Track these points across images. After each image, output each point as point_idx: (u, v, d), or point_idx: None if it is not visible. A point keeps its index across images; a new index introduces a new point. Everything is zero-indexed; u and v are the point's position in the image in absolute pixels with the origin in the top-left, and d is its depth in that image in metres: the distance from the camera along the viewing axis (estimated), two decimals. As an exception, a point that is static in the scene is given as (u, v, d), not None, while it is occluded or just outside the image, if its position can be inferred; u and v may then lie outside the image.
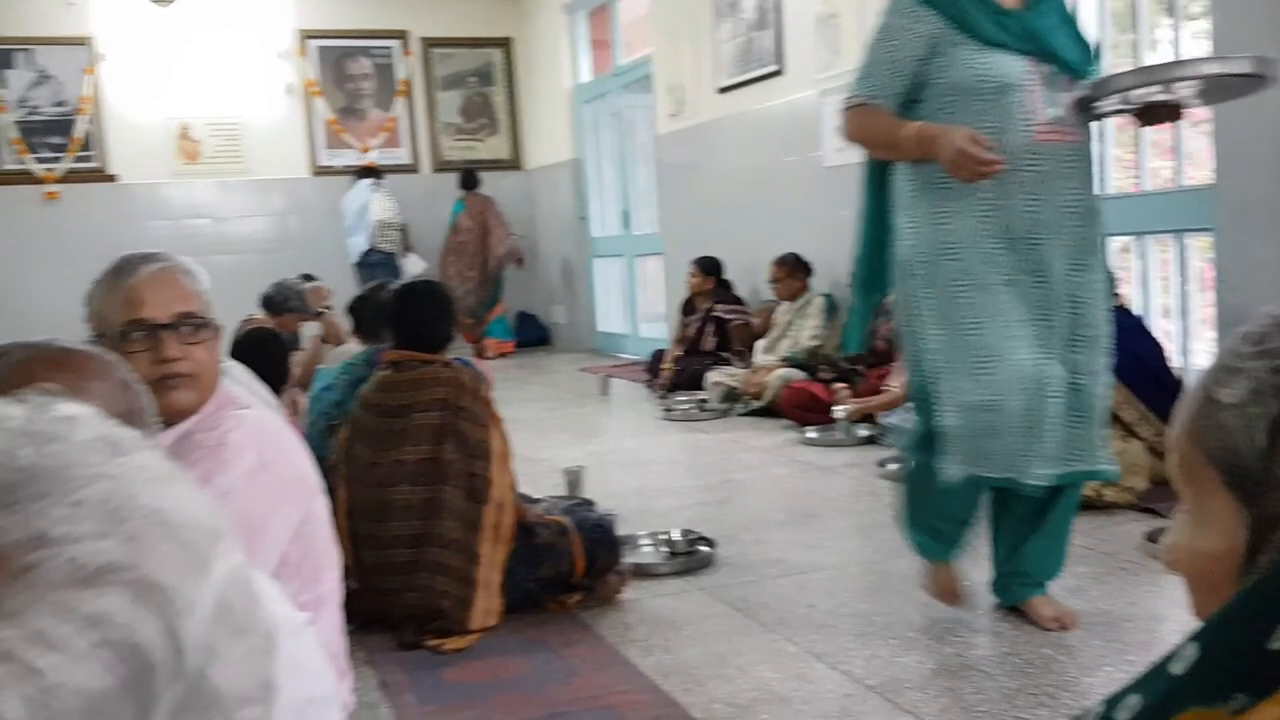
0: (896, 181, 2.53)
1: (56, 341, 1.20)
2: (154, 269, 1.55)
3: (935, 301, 2.46)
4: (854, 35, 5.73)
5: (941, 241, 2.44)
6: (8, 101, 9.08)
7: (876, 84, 2.45)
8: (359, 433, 3.03)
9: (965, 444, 2.46)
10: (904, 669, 2.48)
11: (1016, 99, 2.38)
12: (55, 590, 0.40)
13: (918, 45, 2.41)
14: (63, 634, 0.39)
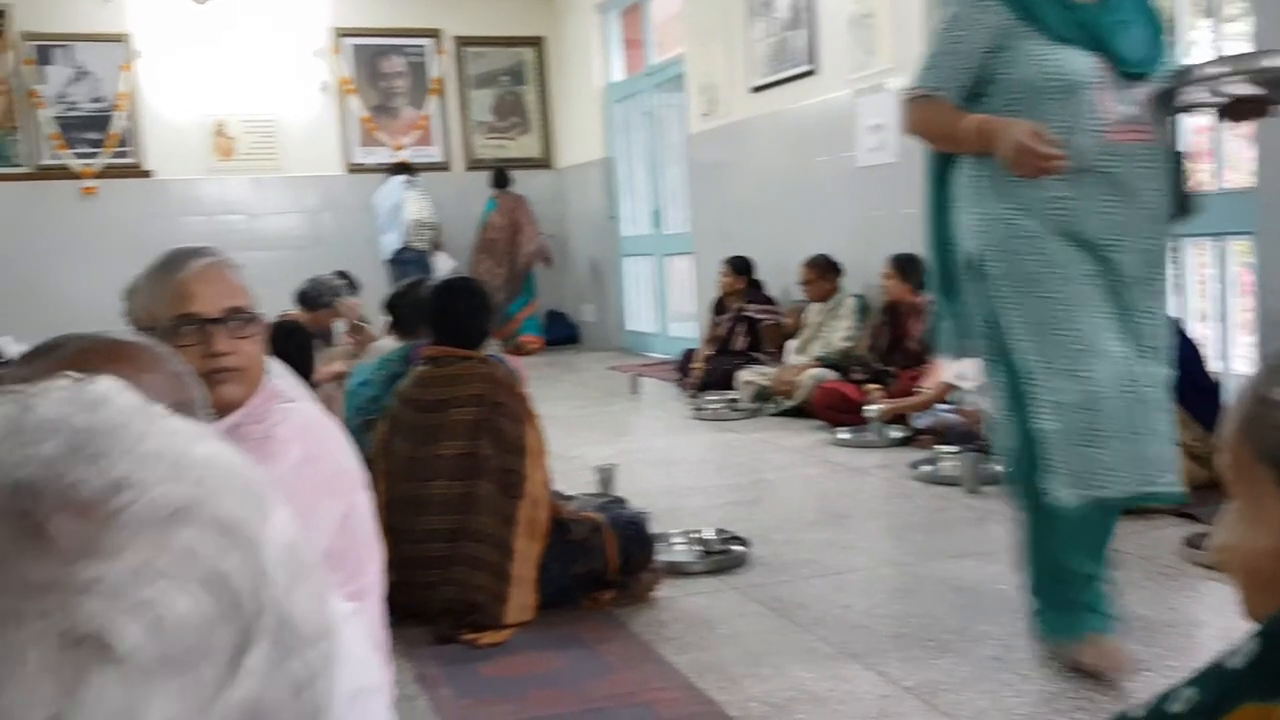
0: (960, 176, 2.42)
1: (109, 333, 1.21)
2: (203, 264, 1.56)
3: (1016, 297, 2.32)
4: (889, 35, 5.71)
5: (1015, 236, 2.31)
6: (46, 97, 9.17)
7: (940, 76, 2.36)
8: (397, 427, 3.05)
9: (1069, 454, 2.26)
10: (941, 671, 2.47)
11: (1086, 97, 2.27)
12: (145, 528, 0.42)
13: (984, 37, 2.32)
14: (161, 566, 0.41)
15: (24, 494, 0.42)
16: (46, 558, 0.41)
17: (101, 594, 0.41)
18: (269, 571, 0.45)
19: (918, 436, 4.82)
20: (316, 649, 0.47)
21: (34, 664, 0.39)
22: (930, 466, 4.29)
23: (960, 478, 4.03)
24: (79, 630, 0.40)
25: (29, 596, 0.40)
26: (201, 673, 0.42)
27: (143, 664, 0.40)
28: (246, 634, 0.43)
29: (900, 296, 5.41)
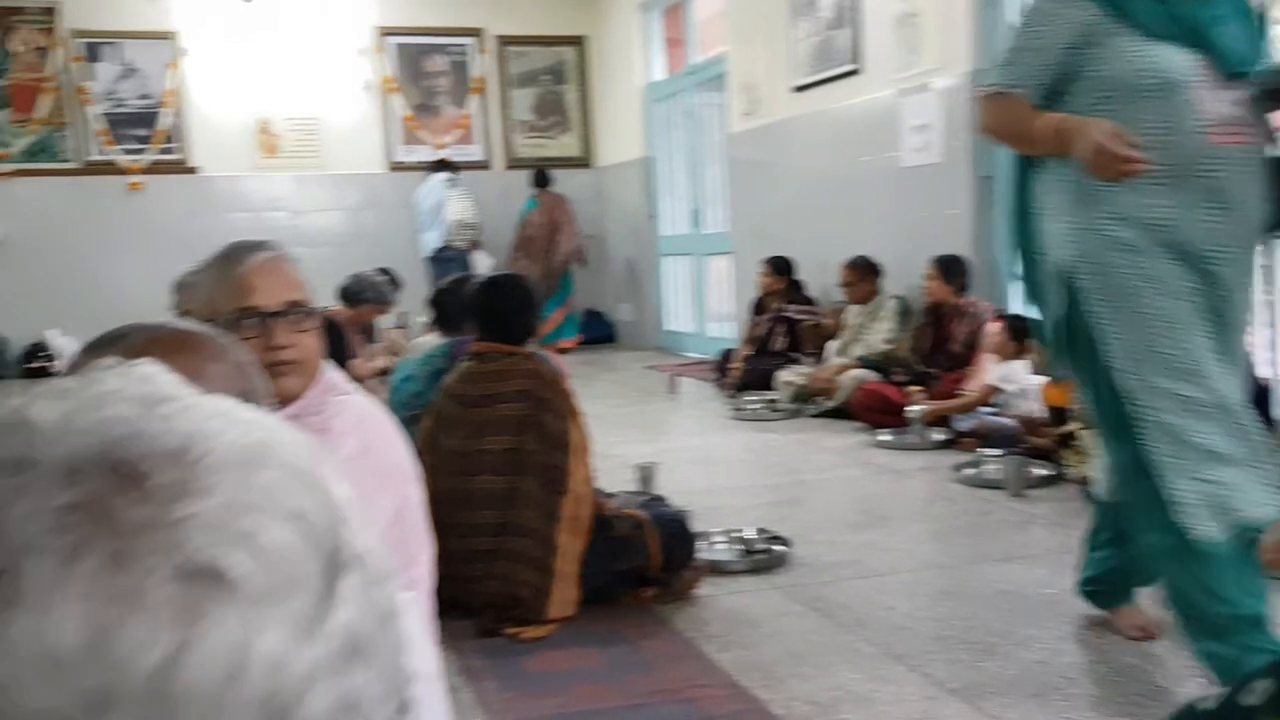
0: (1043, 180, 2.30)
1: (174, 323, 1.23)
2: (264, 257, 1.58)
3: (1112, 313, 2.17)
4: (935, 35, 5.67)
5: (1112, 247, 2.17)
6: (95, 94, 9.30)
7: (1018, 72, 2.24)
8: (442, 422, 3.07)
9: (1195, 484, 2.09)
10: (986, 674, 2.45)
11: (1184, 97, 2.13)
12: (227, 470, 0.44)
13: (1068, 32, 2.19)
14: (249, 501, 0.44)
15: (116, 446, 0.44)
16: (146, 501, 0.42)
17: (203, 528, 0.42)
18: (340, 511, 0.47)
19: (960, 439, 4.79)
20: (391, 585, 0.49)
21: (153, 598, 0.41)
22: (973, 469, 4.26)
23: (1004, 481, 4.00)
24: (192, 563, 0.42)
25: (136, 536, 0.42)
26: (302, 601, 0.44)
27: (253, 592, 0.42)
28: (334, 565, 0.45)
29: (943, 298, 5.37)
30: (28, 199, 9.14)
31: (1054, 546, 3.45)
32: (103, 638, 0.40)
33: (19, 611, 0.40)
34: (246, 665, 0.42)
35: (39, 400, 0.46)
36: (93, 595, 0.41)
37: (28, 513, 0.42)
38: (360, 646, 0.45)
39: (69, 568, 0.41)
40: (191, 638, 0.41)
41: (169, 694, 0.41)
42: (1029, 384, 4.57)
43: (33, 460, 0.43)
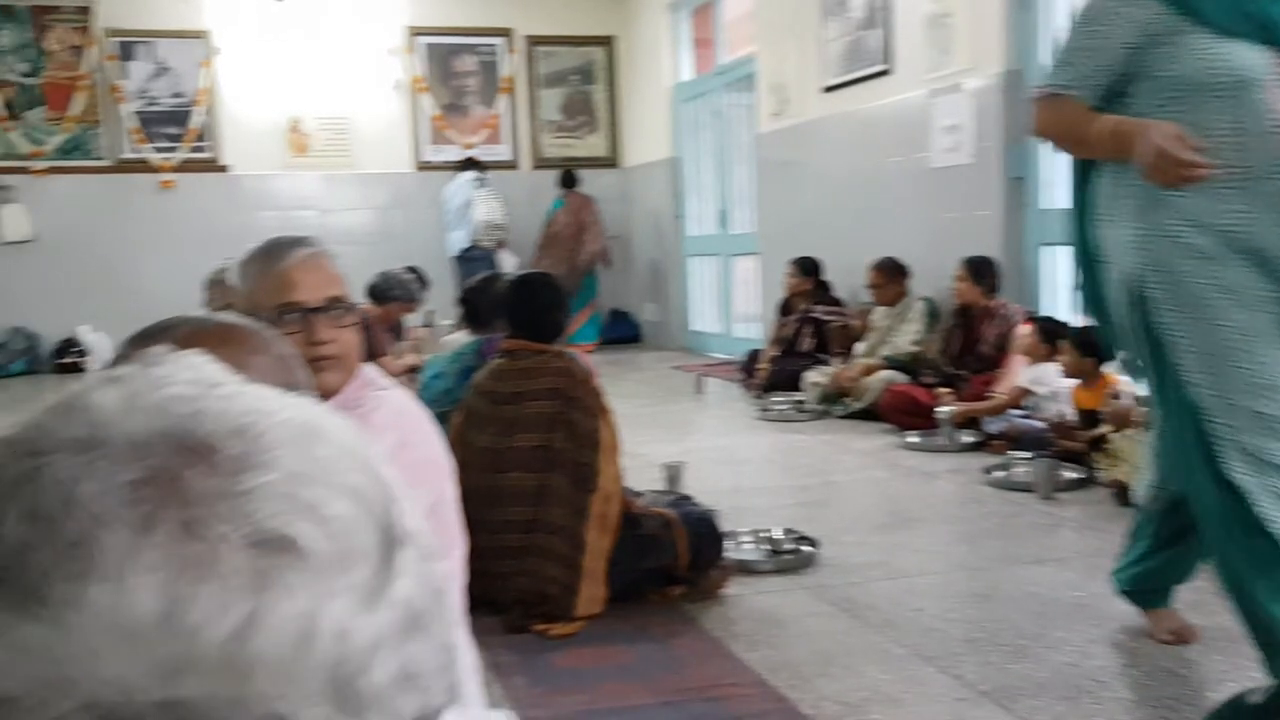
0: (1104, 184, 2.20)
1: (218, 316, 1.24)
2: (306, 253, 1.58)
3: (1184, 324, 2.07)
4: (966, 35, 5.65)
5: (1184, 254, 2.06)
6: (128, 92, 9.39)
7: (1075, 73, 2.15)
8: (472, 419, 3.08)
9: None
10: (1017, 676, 2.44)
11: (1258, 96, 2.02)
12: (287, 444, 0.45)
13: (1130, 32, 2.10)
14: (311, 474, 0.45)
15: (181, 422, 0.45)
16: (214, 473, 0.43)
17: (271, 498, 0.43)
18: (390, 489, 0.48)
19: (990, 441, 4.76)
20: (438, 563, 0.50)
21: (225, 567, 0.42)
22: (1003, 472, 4.24)
23: (1034, 484, 3.98)
24: (263, 532, 0.42)
25: (206, 506, 0.42)
26: (363, 571, 0.44)
27: (320, 562, 0.43)
28: (389, 539, 0.46)
29: (973, 300, 5.34)
30: (61, 196, 9.24)
31: (1085, 550, 3.43)
32: (176, 606, 0.41)
33: (94, 582, 0.41)
34: (315, 633, 0.42)
35: (99, 386, 0.47)
36: (166, 565, 0.42)
37: (99, 488, 0.42)
38: (418, 618, 0.46)
39: (142, 538, 0.42)
40: (263, 606, 0.42)
41: (241, 662, 0.41)
42: (1060, 387, 4.54)
43: (99, 439, 0.44)
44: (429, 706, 0.47)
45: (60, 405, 0.47)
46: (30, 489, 0.43)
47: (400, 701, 0.45)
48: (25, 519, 0.42)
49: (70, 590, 0.41)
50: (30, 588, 0.41)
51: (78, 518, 0.42)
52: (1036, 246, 5.48)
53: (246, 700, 0.41)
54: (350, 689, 0.43)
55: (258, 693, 0.41)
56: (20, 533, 0.42)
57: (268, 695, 0.42)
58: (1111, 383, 4.28)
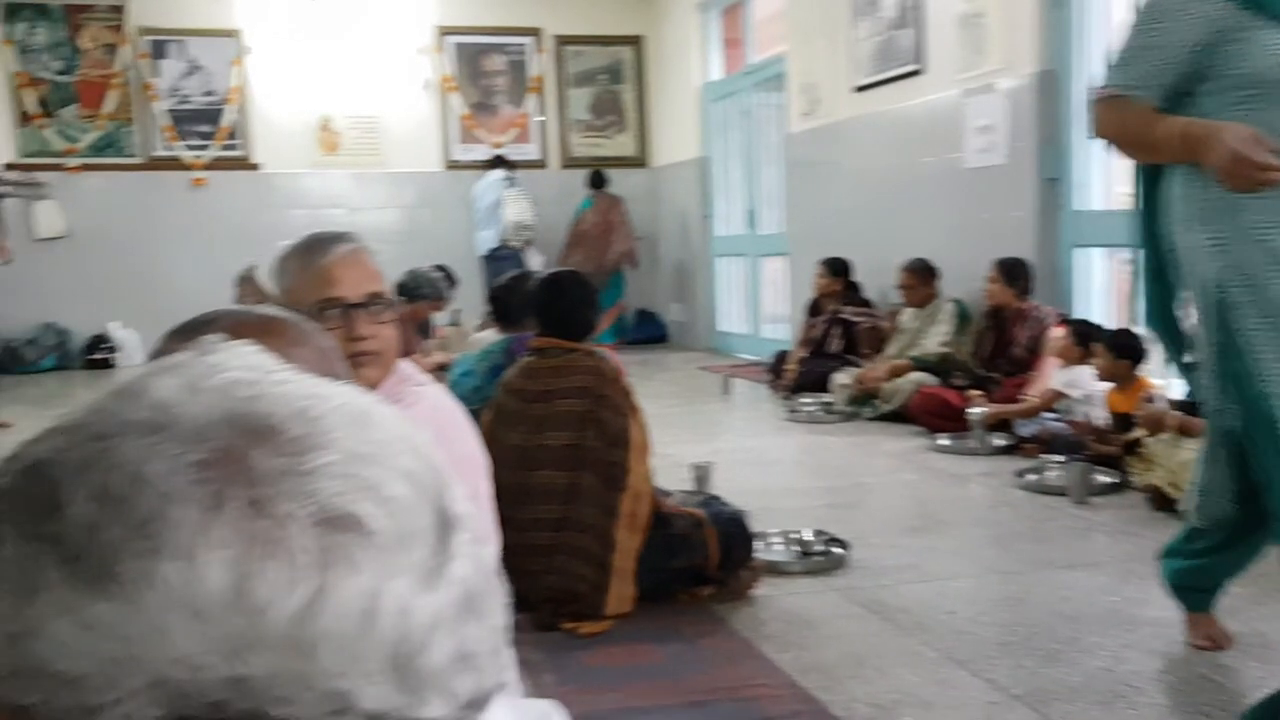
0: (1176, 187, 2.13)
1: (260, 309, 1.24)
2: (346, 249, 1.59)
3: (1268, 331, 1.99)
4: (1000, 35, 5.61)
5: (1269, 258, 1.98)
6: (160, 90, 9.47)
7: (1137, 73, 2.07)
8: (502, 417, 3.08)
9: None
10: (1051, 680, 2.42)
11: None
12: (345, 426, 0.46)
13: (1195, 29, 2.01)
14: (370, 455, 0.45)
15: (244, 404, 0.45)
16: (279, 453, 0.44)
17: (335, 477, 0.44)
18: (442, 474, 0.49)
19: (1022, 445, 4.72)
20: (490, 549, 0.50)
21: (292, 544, 0.42)
22: (1035, 475, 4.20)
23: (1067, 488, 3.94)
24: (329, 510, 0.43)
25: (273, 484, 0.43)
26: (421, 551, 0.45)
27: (383, 540, 0.44)
28: (444, 521, 0.47)
29: (1005, 301, 5.30)
30: (94, 193, 9.33)
31: (1118, 555, 3.40)
32: (245, 583, 0.41)
33: (165, 559, 0.41)
34: (378, 611, 0.43)
35: (155, 374, 0.47)
36: (235, 542, 0.42)
37: (166, 468, 0.43)
38: (473, 600, 0.47)
39: (211, 516, 0.42)
40: (328, 583, 0.42)
41: (307, 638, 0.42)
42: (1094, 390, 4.50)
43: (164, 422, 0.44)
44: (483, 688, 0.47)
45: (119, 392, 0.47)
46: (98, 470, 0.43)
47: (457, 681, 0.45)
48: (94, 499, 0.42)
49: (141, 567, 0.41)
50: (101, 566, 0.41)
51: (147, 496, 0.42)
52: (1070, 248, 5.43)
53: (311, 677, 0.42)
54: (410, 667, 0.43)
55: (322, 669, 0.42)
56: (89, 513, 0.42)
57: (331, 672, 0.42)
58: (1146, 386, 4.24)
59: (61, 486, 0.43)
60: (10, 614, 0.42)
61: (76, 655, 0.41)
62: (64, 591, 0.42)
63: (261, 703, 0.42)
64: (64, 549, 0.42)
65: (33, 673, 0.42)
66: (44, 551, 0.42)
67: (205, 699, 0.41)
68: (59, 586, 0.42)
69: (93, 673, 0.41)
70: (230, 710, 0.42)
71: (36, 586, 0.42)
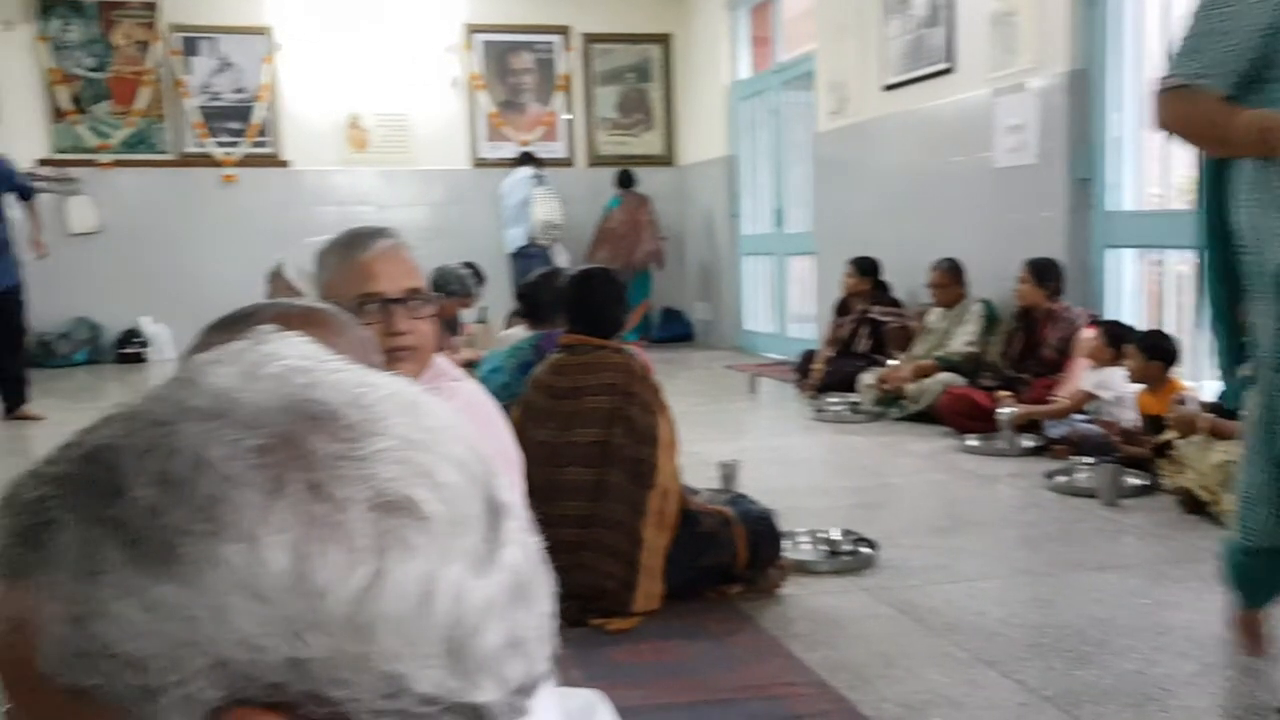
0: (1246, 172, 2.04)
1: (300, 301, 1.25)
2: (386, 245, 1.60)
3: None
4: (1031, 34, 5.57)
5: None
6: (191, 87, 9.53)
7: (1205, 61, 1.97)
8: (531, 413, 3.08)
9: None
10: (1081, 682, 2.40)
11: None
12: (398, 413, 0.47)
13: (1265, 13, 1.92)
14: (423, 442, 0.46)
15: (301, 390, 0.46)
16: (337, 438, 0.44)
17: (392, 463, 0.44)
18: (489, 462, 0.49)
19: (1051, 446, 4.68)
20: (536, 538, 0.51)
21: (352, 528, 0.43)
22: (1065, 477, 4.17)
23: (1097, 490, 3.91)
24: (386, 494, 0.44)
25: (331, 469, 0.44)
26: (474, 537, 0.46)
27: (438, 526, 0.44)
28: (494, 508, 0.47)
29: (1035, 302, 5.26)
30: (126, 189, 9.41)
31: (1149, 557, 3.37)
32: (304, 565, 0.42)
33: (227, 541, 0.42)
34: (434, 595, 0.43)
35: (210, 364, 0.48)
36: (295, 525, 0.42)
37: (227, 452, 0.43)
38: (523, 587, 0.47)
39: (272, 499, 0.43)
40: (386, 566, 0.43)
41: (364, 621, 0.42)
42: (1125, 392, 4.47)
43: (223, 408, 0.45)
44: (532, 674, 0.48)
45: (175, 381, 0.47)
46: (160, 455, 0.43)
47: (508, 667, 0.46)
48: (156, 483, 0.43)
49: (203, 550, 0.42)
50: (164, 549, 0.42)
51: (209, 480, 0.43)
52: (1102, 249, 5.39)
53: (368, 659, 0.42)
54: (464, 651, 0.44)
55: (379, 652, 0.42)
56: (152, 496, 0.43)
57: (388, 655, 0.42)
58: (1177, 388, 4.20)
59: (123, 471, 0.43)
60: (74, 596, 0.43)
61: (139, 637, 0.42)
62: (127, 574, 0.42)
63: (320, 685, 0.42)
64: (127, 532, 0.42)
65: (96, 655, 0.42)
66: (107, 535, 0.43)
67: (265, 680, 0.42)
68: (122, 569, 0.42)
69: (155, 654, 0.42)
70: (289, 692, 0.42)
71: (100, 569, 0.42)
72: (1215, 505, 3.54)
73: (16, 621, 0.44)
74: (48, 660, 0.43)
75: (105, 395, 7.72)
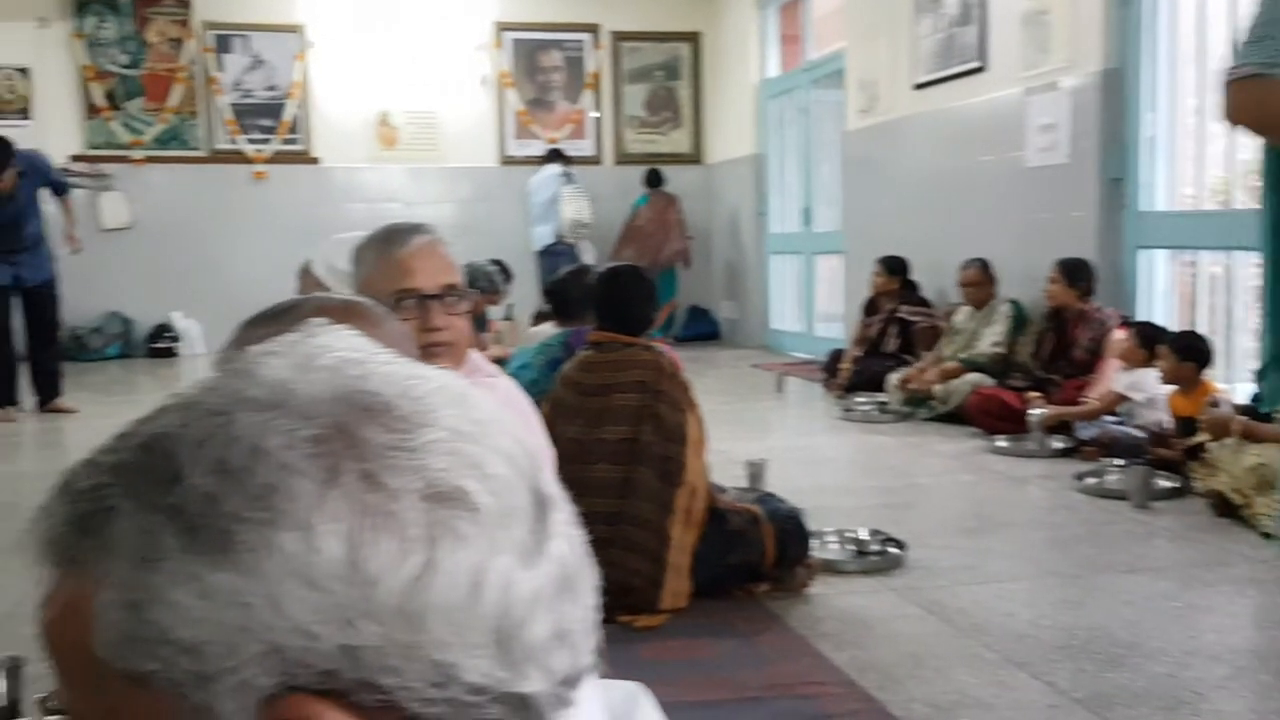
0: None
1: (339, 295, 1.26)
2: (423, 241, 1.61)
3: None
4: (1064, 32, 5.53)
5: None
6: (224, 84, 9.61)
7: (1276, 49, 1.86)
8: (560, 410, 3.09)
9: None
10: (1112, 685, 2.38)
11: None
12: (448, 405, 0.47)
13: None
14: (472, 434, 0.47)
15: (354, 382, 0.47)
16: (390, 429, 0.45)
17: (443, 454, 0.45)
18: (534, 455, 0.50)
19: (1081, 447, 4.65)
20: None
21: (404, 517, 0.43)
22: (1095, 479, 4.14)
23: (1128, 492, 3.88)
24: (438, 485, 0.44)
25: (384, 459, 0.44)
26: (521, 529, 0.46)
27: (488, 517, 0.45)
28: (540, 501, 0.48)
29: (1066, 302, 5.23)
30: (158, 185, 9.49)
31: (1181, 560, 3.34)
32: (357, 554, 0.42)
33: (284, 529, 0.42)
34: (483, 585, 0.44)
35: (263, 355, 0.48)
36: (349, 514, 0.43)
37: (283, 441, 0.44)
38: (569, 579, 0.48)
39: (328, 488, 0.43)
40: (438, 556, 0.43)
41: (415, 610, 0.43)
42: (1158, 393, 4.43)
43: (279, 399, 0.45)
44: (577, 666, 0.48)
45: (230, 372, 0.48)
46: (217, 444, 0.44)
47: (554, 658, 0.46)
48: (213, 471, 0.43)
49: (260, 537, 0.42)
50: (221, 536, 0.42)
51: (266, 469, 0.43)
52: (1134, 249, 5.35)
53: (419, 648, 0.43)
54: (512, 642, 0.44)
55: (429, 641, 0.43)
56: (209, 484, 0.43)
57: (438, 644, 0.43)
58: (1210, 390, 4.16)
59: (181, 460, 0.44)
60: (131, 582, 0.43)
61: (196, 623, 0.42)
62: (184, 561, 0.43)
63: (371, 672, 0.42)
64: (184, 520, 0.43)
65: (152, 640, 0.43)
66: (164, 522, 0.43)
67: (317, 668, 0.42)
68: (179, 556, 0.43)
69: (211, 640, 0.42)
70: (341, 679, 0.42)
71: (157, 556, 0.43)
72: (1248, 509, 3.50)
73: (72, 607, 0.45)
74: (104, 645, 0.44)
75: (137, 389, 7.79)
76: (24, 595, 2.74)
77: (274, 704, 0.42)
